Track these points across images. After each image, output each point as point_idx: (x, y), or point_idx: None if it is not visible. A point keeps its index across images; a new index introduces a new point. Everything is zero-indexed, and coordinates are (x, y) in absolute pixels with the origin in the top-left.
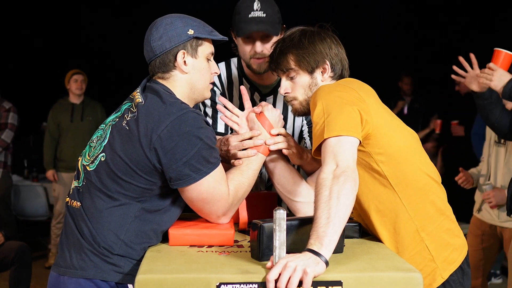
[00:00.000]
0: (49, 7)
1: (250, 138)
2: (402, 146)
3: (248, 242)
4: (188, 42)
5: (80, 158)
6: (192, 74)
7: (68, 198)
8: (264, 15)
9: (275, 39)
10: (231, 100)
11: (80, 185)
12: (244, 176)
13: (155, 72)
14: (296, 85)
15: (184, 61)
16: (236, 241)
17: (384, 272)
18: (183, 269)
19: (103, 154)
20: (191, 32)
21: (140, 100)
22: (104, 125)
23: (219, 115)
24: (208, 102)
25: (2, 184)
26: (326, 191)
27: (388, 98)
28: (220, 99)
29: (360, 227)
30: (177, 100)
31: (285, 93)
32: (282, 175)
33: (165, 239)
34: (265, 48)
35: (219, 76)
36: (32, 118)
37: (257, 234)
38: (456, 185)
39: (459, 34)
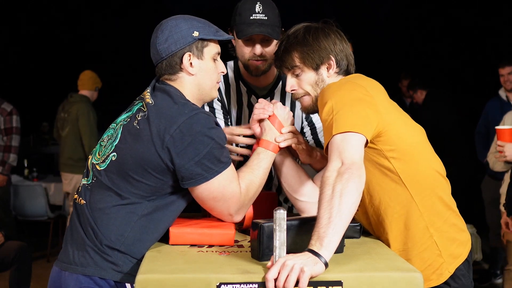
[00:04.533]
0: (49, 7)
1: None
2: (413, 142)
3: (248, 242)
4: (193, 44)
5: (90, 157)
6: (199, 75)
7: (76, 195)
8: (266, 18)
9: (274, 42)
10: (228, 103)
11: (89, 182)
12: (255, 174)
13: (162, 74)
14: (302, 82)
15: (190, 63)
16: (236, 241)
17: (384, 272)
18: (184, 269)
19: (114, 153)
20: (196, 34)
21: (150, 101)
22: (115, 124)
23: (217, 119)
24: (206, 108)
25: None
26: (329, 190)
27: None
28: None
29: (361, 227)
30: (188, 101)
31: (291, 90)
32: (290, 174)
33: (165, 239)
34: (264, 50)
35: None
36: (32, 118)
37: (257, 234)
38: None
39: (459, 34)
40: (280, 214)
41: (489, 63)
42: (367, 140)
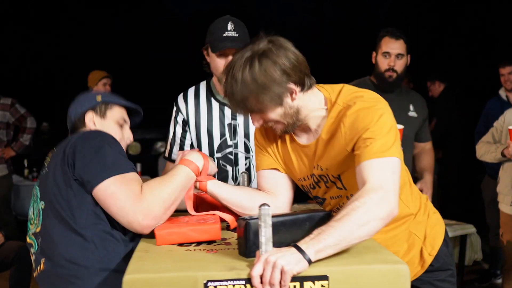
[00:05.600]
0: (48, 7)
1: None
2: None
3: (236, 239)
4: (97, 106)
5: (27, 237)
6: None
7: (35, 273)
8: (237, 35)
9: None
10: (198, 118)
11: (36, 248)
12: (165, 182)
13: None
14: (268, 117)
15: (93, 122)
16: (224, 239)
17: (371, 265)
18: (171, 268)
19: (42, 202)
20: (99, 97)
21: (53, 151)
22: (32, 197)
23: (176, 140)
24: (171, 126)
25: (5, 183)
26: (356, 207)
27: None
28: None
29: None
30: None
31: (260, 125)
32: (234, 197)
33: (152, 239)
34: None
35: (186, 100)
36: None
37: (243, 231)
38: (450, 186)
39: (459, 33)
40: (265, 210)
41: (489, 63)
42: None
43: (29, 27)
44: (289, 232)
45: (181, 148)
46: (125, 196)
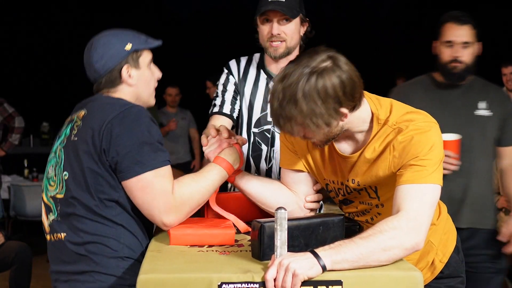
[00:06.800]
0: (48, 7)
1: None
2: None
3: (248, 241)
4: (129, 56)
5: (42, 195)
6: (139, 85)
7: (48, 236)
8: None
9: (294, 23)
10: (242, 86)
11: (56, 215)
12: (196, 182)
13: (101, 89)
14: (312, 135)
15: (129, 75)
16: (236, 241)
17: (384, 271)
18: (185, 269)
19: (66, 172)
20: (129, 46)
21: (84, 113)
22: (54, 153)
23: (227, 96)
24: (220, 87)
25: None
26: (385, 232)
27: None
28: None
29: (360, 228)
30: (121, 99)
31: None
32: (260, 194)
33: (164, 239)
34: (281, 31)
35: (238, 66)
36: (32, 118)
37: (258, 234)
38: None
39: None
40: (282, 214)
41: (490, 63)
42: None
43: (28, 27)
44: (303, 236)
45: (232, 106)
46: (154, 192)
